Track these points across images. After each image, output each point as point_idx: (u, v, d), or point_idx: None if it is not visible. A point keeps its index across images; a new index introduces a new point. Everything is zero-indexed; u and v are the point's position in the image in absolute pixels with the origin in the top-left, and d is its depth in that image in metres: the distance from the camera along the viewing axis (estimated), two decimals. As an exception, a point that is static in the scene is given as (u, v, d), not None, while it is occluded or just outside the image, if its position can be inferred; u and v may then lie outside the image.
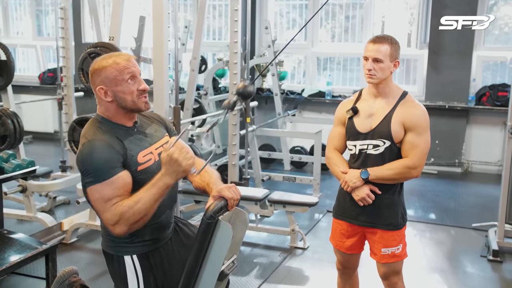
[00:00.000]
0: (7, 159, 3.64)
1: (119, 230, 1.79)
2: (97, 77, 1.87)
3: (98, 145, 1.82)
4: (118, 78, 1.86)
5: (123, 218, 1.76)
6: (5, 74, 4.23)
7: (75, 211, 4.54)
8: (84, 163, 1.81)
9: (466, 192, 5.85)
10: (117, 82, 1.86)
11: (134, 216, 1.76)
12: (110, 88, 1.86)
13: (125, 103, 1.88)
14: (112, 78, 1.86)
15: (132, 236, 1.89)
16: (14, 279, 3.46)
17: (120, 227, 1.78)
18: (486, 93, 6.38)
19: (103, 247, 1.99)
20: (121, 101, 1.88)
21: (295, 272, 3.75)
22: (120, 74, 1.86)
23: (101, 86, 1.87)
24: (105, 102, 1.89)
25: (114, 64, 1.86)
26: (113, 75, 1.85)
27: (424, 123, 2.46)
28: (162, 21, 3.61)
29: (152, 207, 1.79)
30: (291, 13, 7.56)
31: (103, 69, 1.86)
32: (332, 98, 6.94)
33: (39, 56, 8.48)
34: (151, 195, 1.77)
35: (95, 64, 1.89)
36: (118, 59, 1.87)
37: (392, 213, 2.52)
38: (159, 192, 1.78)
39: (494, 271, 3.80)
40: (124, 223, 1.77)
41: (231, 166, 4.80)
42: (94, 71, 1.88)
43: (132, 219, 1.77)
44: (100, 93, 1.87)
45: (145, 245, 1.93)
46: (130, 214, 1.76)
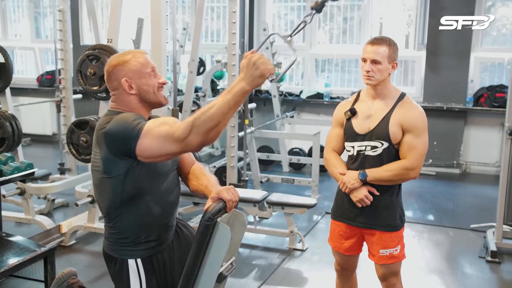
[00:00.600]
0: (5, 161, 3.63)
1: (193, 140, 1.67)
2: (120, 71, 1.87)
3: (124, 114, 1.83)
4: (142, 71, 1.88)
5: (195, 125, 1.66)
6: (3, 76, 4.23)
7: (73, 213, 4.54)
8: (116, 127, 1.76)
9: (464, 193, 5.86)
10: (141, 74, 1.88)
11: (208, 122, 1.65)
12: (134, 80, 1.87)
13: (148, 96, 1.89)
14: (136, 70, 1.87)
15: (138, 238, 1.89)
16: (12, 282, 3.46)
17: (194, 136, 1.67)
18: (484, 94, 6.40)
19: (106, 250, 1.96)
20: (144, 93, 1.89)
21: (294, 273, 3.75)
22: (144, 67, 1.88)
23: (126, 78, 1.87)
24: (127, 95, 1.89)
25: (135, 58, 1.88)
26: (137, 68, 1.87)
27: (422, 125, 2.46)
28: (160, 23, 3.62)
29: (226, 114, 1.66)
30: (289, 15, 7.57)
31: (125, 63, 1.88)
32: (330, 99, 6.95)
33: (37, 58, 8.48)
34: (226, 101, 1.66)
35: (113, 60, 1.90)
36: (137, 54, 1.90)
37: (390, 214, 2.52)
38: (234, 99, 1.66)
39: (493, 272, 3.80)
40: (197, 131, 1.66)
41: (230, 168, 4.80)
42: (115, 66, 1.88)
43: (205, 125, 1.65)
44: (124, 85, 1.87)
45: (149, 247, 1.92)
46: (203, 119, 1.66)
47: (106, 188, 1.85)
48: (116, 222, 1.89)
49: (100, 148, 1.82)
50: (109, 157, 1.80)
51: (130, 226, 1.88)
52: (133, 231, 1.89)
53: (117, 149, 1.77)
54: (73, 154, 3.95)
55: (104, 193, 1.87)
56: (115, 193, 1.84)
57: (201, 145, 1.70)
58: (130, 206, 1.86)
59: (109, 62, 1.91)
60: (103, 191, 1.87)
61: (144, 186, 1.85)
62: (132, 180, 1.82)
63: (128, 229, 1.89)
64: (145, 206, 1.88)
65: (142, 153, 1.75)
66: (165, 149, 1.72)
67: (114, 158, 1.79)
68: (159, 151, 1.73)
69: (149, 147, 1.73)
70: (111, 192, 1.84)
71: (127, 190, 1.83)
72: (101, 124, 1.83)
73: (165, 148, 1.72)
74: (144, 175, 1.84)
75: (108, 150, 1.79)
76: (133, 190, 1.84)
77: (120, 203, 1.85)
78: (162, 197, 1.92)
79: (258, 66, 1.66)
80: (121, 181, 1.81)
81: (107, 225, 1.94)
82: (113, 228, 1.91)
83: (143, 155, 1.75)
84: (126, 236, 1.89)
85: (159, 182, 1.90)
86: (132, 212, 1.87)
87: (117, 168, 1.80)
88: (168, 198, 1.95)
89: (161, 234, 1.95)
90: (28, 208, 4.30)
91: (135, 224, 1.88)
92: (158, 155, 1.74)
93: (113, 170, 1.81)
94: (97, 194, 1.92)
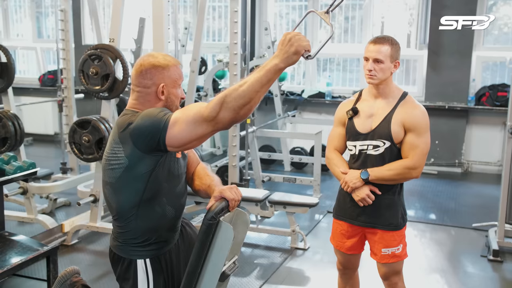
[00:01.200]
0: (8, 161, 3.64)
1: (224, 117, 1.64)
2: (159, 73, 1.84)
3: (149, 109, 1.79)
4: (177, 82, 1.88)
5: (226, 102, 1.63)
6: (5, 76, 4.23)
7: (76, 212, 4.55)
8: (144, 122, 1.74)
9: (466, 192, 5.86)
10: (175, 84, 1.87)
11: (239, 99, 1.62)
12: (167, 88, 1.86)
13: (171, 106, 1.88)
14: (173, 79, 1.86)
15: (149, 239, 1.88)
16: (15, 281, 3.46)
17: (225, 113, 1.63)
18: (485, 93, 6.39)
19: (114, 250, 1.94)
20: (170, 103, 1.88)
21: (296, 272, 3.75)
22: (180, 78, 1.88)
23: (164, 84, 1.85)
24: (156, 99, 1.86)
25: (175, 67, 1.86)
26: (174, 77, 1.86)
27: (424, 124, 2.46)
28: (162, 22, 3.62)
29: (258, 91, 1.64)
30: (290, 14, 7.57)
31: (167, 67, 1.85)
32: (332, 98, 6.95)
33: (39, 58, 8.48)
34: (259, 77, 1.63)
35: (152, 59, 1.85)
36: (176, 63, 1.88)
37: (392, 213, 2.53)
38: (267, 75, 1.64)
39: (495, 271, 3.80)
40: (228, 108, 1.63)
41: (232, 167, 4.81)
42: (154, 66, 1.84)
43: (236, 102, 1.62)
44: (159, 89, 1.85)
45: (158, 247, 1.91)
46: (234, 96, 1.63)
47: (125, 186, 1.82)
48: (128, 223, 1.87)
49: (125, 144, 1.78)
50: (137, 153, 1.76)
51: (143, 227, 1.87)
52: (144, 232, 1.88)
53: (146, 144, 1.74)
54: (75, 153, 3.96)
55: (121, 192, 1.83)
56: (136, 191, 1.82)
57: (232, 121, 1.67)
58: (147, 207, 1.85)
59: (148, 59, 1.86)
60: (121, 189, 1.83)
61: (164, 187, 1.85)
62: (156, 179, 1.81)
63: (140, 230, 1.87)
64: (161, 208, 1.87)
65: (172, 142, 1.72)
66: (196, 131, 1.69)
67: (143, 154, 1.76)
68: (190, 135, 1.69)
69: (179, 133, 1.70)
70: (132, 190, 1.82)
71: (149, 189, 1.82)
72: (125, 121, 1.80)
73: (195, 131, 1.68)
74: (164, 176, 1.83)
75: (135, 147, 1.76)
76: (154, 190, 1.83)
77: (138, 202, 1.83)
78: (177, 199, 1.93)
79: (292, 43, 1.65)
80: (146, 178, 1.80)
81: (117, 225, 1.92)
82: (124, 228, 1.89)
83: (174, 144, 1.72)
84: (137, 236, 1.88)
85: (175, 184, 1.90)
86: (147, 213, 1.86)
87: (144, 165, 1.78)
88: (180, 201, 1.95)
89: (170, 235, 1.95)
90: (30, 207, 4.31)
91: (148, 225, 1.87)
92: (190, 140, 1.71)
93: (140, 167, 1.78)
94: (111, 194, 1.87)
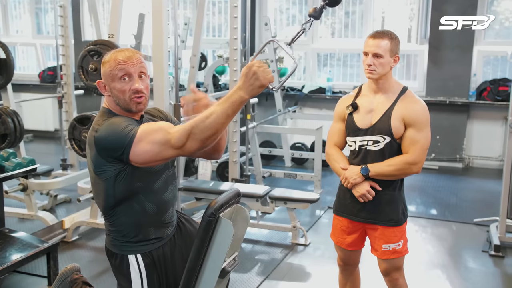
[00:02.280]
0: (7, 157, 3.64)
1: (191, 146, 1.70)
2: (102, 70, 1.88)
3: (115, 119, 1.82)
4: (112, 74, 1.85)
5: (193, 133, 1.68)
6: (4, 72, 4.22)
7: (76, 209, 4.55)
8: (108, 136, 1.76)
9: (467, 187, 5.85)
10: (112, 78, 1.85)
11: (205, 131, 1.68)
12: (107, 83, 1.87)
13: (118, 101, 1.87)
14: (108, 73, 1.86)
15: (137, 236, 1.89)
16: (15, 277, 3.47)
17: (191, 143, 1.70)
18: (486, 88, 6.37)
19: (107, 246, 1.97)
20: (115, 98, 1.87)
21: (297, 268, 3.75)
22: (114, 70, 1.84)
23: (101, 80, 1.88)
24: (107, 96, 1.89)
25: (112, 60, 1.85)
26: (109, 71, 1.85)
27: (424, 119, 2.45)
28: (161, 18, 3.61)
29: (224, 123, 1.69)
30: (290, 9, 7.54)
31: (105, 63, 1.87)
32: (332, 94, 6.93)
33: (38, 54, 8.48)
34: (224, 110, 1.68)
35: (104, 56, 1.90)
36: (119, 55, 1.86)
37: (393, 209, 2.52)
38: (232, 107, 1.68)
39: (496, 266, 3.79)
40: (195, 138, 1.69)
41: (232, 163, 4.80)
42: (101, 64, 1.89)
43: (203, 134, 1.68)
44: (99, 86, 1.88)
45: (149, 243, 1.93)
46: (201, 128, 1.68)
47: (99, 188, 1.85)
48: (113, 220, 1.90)
49: (91, 149, 1.82)
50: (100, 160, 1.80)
51: (127, 224, 1.89)
52: (130, 228, 1.89)
53: (108, 154, 1.78)
54: (75, 150, 3.95)
55: (99, 192, 1.87)
56: (108, 194, 1.84)
57: (199, 150, 1.73)
58: (125, 206, 1.87)
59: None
60: (98, 190, 1.87)
61: (136, 186, 1.85)
62: (123, 181, 1.82)
63: (126, 227, 1.89)
64: (140, 205, 1.88)
65: (136, 159, 1.76)
66: (161, 154, 1.75)
67: (104, 162, 1.79)
68: (155, 156, 1.75)
69: (144, 152, 1.74)
70: (104, 192, 1.84)
71: (118, 191, 1.83)
72: (93, 125, 1.84)
73: (161, 153, 1.74)
74: (135, 176, 1.83)
75: (98, 154, 1.79)
76: (125, 191, 1.84)
77: (114, 203, 1.86)
78: (156, 196, 1.92)
79: (258, 76, 1.68)
80: (112, 183, 1.82)
81: (106, 222, 1.95)
82: (112, 225, 1.92)
83: (137, 161, 1.77)
84: (125, 233, 1.90)
85: (151, 181, 1.90)
86: (127, 211, 1.88)
87: (107, 171, 1.80)
88: (162, 197, 1.94)
89: (159, 231, 1.95)
90: (30, 204, 4.31)
91: (131, 222, 1.89)
92: (154, 160, 1.77)
93: (103, 173, 1.81)
94: (94, 193, 1.92)
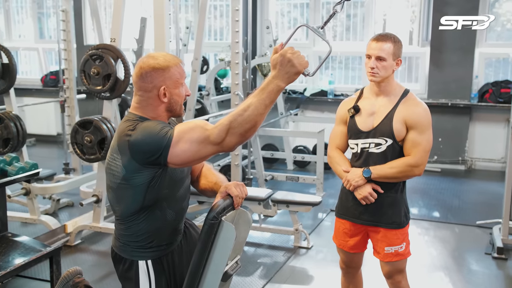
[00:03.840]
0: (10, 162, 3.64)
1: (230, 142, 1.67)
2: (159, 75, 1.79)
3: (149, 122, 1.76)
4: (179, 81, 1.82)
5: (232, 127, 1.65)
6: (7, 77, 4.23)
7: (78, 213, 4.55)
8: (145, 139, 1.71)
9: (469, 190, 5.84)
10: (177, 85, 1.82)
11: (245, 124, 1.65)
12: (169, 89, 1.81)
13: (175, 107, 1.85)
14: (174, 79, 1.81)
15: (151, 242, 1.88)
16: (18, 281, 3.47)
17: (231, 138, 1.67)
18: (488, 90, 6.37)
19: (116, 250, 1.94)
20: (174, 104, 1.84)
21: (299, 271, 3.75)
22: (181, 77, 1.83)
23: (165, 86, 1.81)
24: (158, 102, 1.82)
25: (175, 67, 1.81)
26: (175, 77, 1.81)
27: (426, 121, 2.45)
28: (163, 22, 3.62)
29: (262, 114, 1.66)
30: (292, 12, 7.55)
31: (167, 68, 1.80)
32: (334, 97, 6.94)
33: (41, 58, 8.50)
34: (262, 100, 1.65)
35: (151, 61, 1.80)
36: (176, 62, 1.83)
37: (395, 211, 2.52)
38: (269, 97, 1.65)
39: (499, 268, 3.78)
40: (234, 133, 1.66)
41: (234, 166, 4.80)
42: (155, 68, 1.79)
43: (242, 127, 1.65)
44: (161, 92, 1.80)
45: (160, 249, 1.91)
46: (239, 121, 1.65)
47: (125, 194, 1.81)
48: (130, 226, 1.87)
49: (123, 155, 1.76)
50: (134, 165, 1.75)
51: (144, 230, 1.86)
52: (146, 235, 1.87)
53: (145, 159, 1.73)
54: (77, 154, 3.96)
55: (122, 198, 1.83)
56: (135, 200, 1.80)
57: (238, 144, 1.71)
58: (148, 212, 1.84)
59: (147, 61, 1.81)
60: (121, 197, 1.82)
61: (164, 193, 1.83)
62: (155, 188, 1.79)
63: (143, 233, 1.87)
64: (161, 212, 1.86)
65: (175, 160, 1.72)
66: (201, 152, 1.71)
67: (140, 167, 1.74)
68: (194, 155, 1.72)
69: (183, 152, 1.71)
70: (131, 199, 1.80)
71: (148, 198, 1.80)
72: (125, 130, 1.77)
73: (200, 152, 1.71)
74: (165, 183, 1.81)
75: (132, 159, 1.74)
76: (154, 197, 1.81)
77: (139, 209, 1.82)
78: (177, 203, 1.91)
79: (293, 63, 1.65)
80: (144, 189, 1.78)
81: (119, 226, 1.91)
82: (126, 230, 1.88)
83: (176, 162, 1.73)
84: (138, 239, 1.88)
85: (176, 188, 1.88)
86: (149, 218, 1.85)
87: (141, 176, 1.76)
88: (182, 204, 1.94)
89: (172, 237, 1.94)
90: (33, 208, 4.31)
91: (150, 228, 1.87)
92: (193, 159, 1.74)
93: (137, 179, 1.76)
94: (113, 198, 1.86)
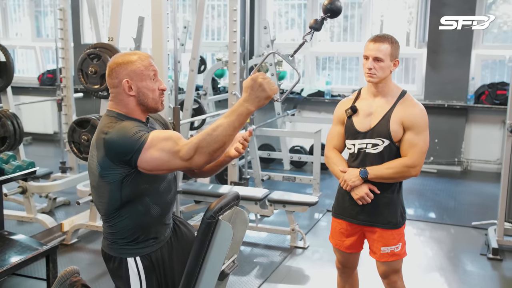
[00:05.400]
0: (7, 160, 3.64)
1: (199, 160, 1.71)
2: (123, 70, 1.86)
3: (127, 123, 1.81)
4: (144, 73, 1.87)
5: (200, 146, 1.70)
6: (4, 75, 4.23)
7: (75, 212, 4.55)
8: (119, 139, 1.75)
9: (465, 191, 5.86)
10: (142, 77, 1.87)
11: (213, 143, 1.70)
12: (135, 82, 1.86)
13: (146, 100, 1.88)
14: (138, 72, 1.86)
15: (137, 238, 1.90)
16: (14, 280, 3.46)
17: (199, 157, 1.71)
18: (485, 92, 6.39)
19: (105, 249, 1.96)
20: (143, 97, 1.88)
21: (295, 271, 3.75)
22: (146, 69, 1.87)
23: (127, 79, 1.86)
24: (126, 96, 1.87)
25: (140, 60, 1.87)
26: (139, 70, 1.86)
27: (422, 122, 2.46)
28: (161, 21, 3.62)
29: (231, 135, 1.72)
30: (289, 12, 7.56)
31: (130, 63, 1.86)
32: (331, 97, 6.95)
33: (38, 57, 8.48)
34: (231, 122, 1.70)
35: (118, 58, 1.88)
36: (142, 56, 1.89)
37: (391, 212, 2.53)
38: (238, 119, 1.71)
39: (494, 269, 3.80)
40: (203, 151, 1.70)
41: (231, 166, 4.80)
42: (118, 64, 1.86)
43: (211, 147, 1.70)
44: (125, 85, 1.85)
45: (148, 245, 1.93)
46: (208, 141, 1.70)
47: (103, 191, 1.84)
48: (114, 223, 1.89)
49: (98, 151, 1.80)
50: (107, 162, 1.79)
51: (129, 226, 1.89)
52: (131, 231, 1.89)
53: (117, 158, 1.77)
54: (74, 152, 3.96)
55: (102, 195, 1.86)
56: (113, 197, 1.84)
57: (206, 163, 1.74)
58: (129, 208, 1.86)
59: (114, 59, 1.89)
60: (101, 193, 1.86)
61: (143, 188, 1.85)
62: (130, 184, 1.82)
63: (127, 230, 1.89)
64: (144, 207, 1.88)
65: (144, 165, 1.76)
66: (169, 164, 1.75)
67: (112, 164, 1.79)
68: (163, 165, 1.75)
69: (152, 160, 1.74)
70: (109, 196, 1.84)
71: (125, 194, 1.83)
72: (102, 128, 1.82)
73: (168, 163, 1.75)
74: (142, 179, 1.83)
75: (106, 156, 1.78)
76: (131, 194, 1.84)
77: (119, 205, 1.85)
78: (161, 198, 1.93)
79: (264, 88, 1.71)
80: (118, 186, 1.81)
81: (105, 225, 1.94)
82: (112, 228, 1.91)
83: (144, 167, 1.77)
84: (125, 236, 1.90)
85: (158, 183, 1.90)
86: (131, 213, 1.87)
87: (114, 174, 1.80)
88: (166, 198, 1.95)
89: (159, 232, 1.96)
90: (29, 206, 4.31)
91: (133, 224, 1.89)
92: (162, 168, 1.78)
93: (110, 176, 1.80)
94: (95, 196, 1.91)
